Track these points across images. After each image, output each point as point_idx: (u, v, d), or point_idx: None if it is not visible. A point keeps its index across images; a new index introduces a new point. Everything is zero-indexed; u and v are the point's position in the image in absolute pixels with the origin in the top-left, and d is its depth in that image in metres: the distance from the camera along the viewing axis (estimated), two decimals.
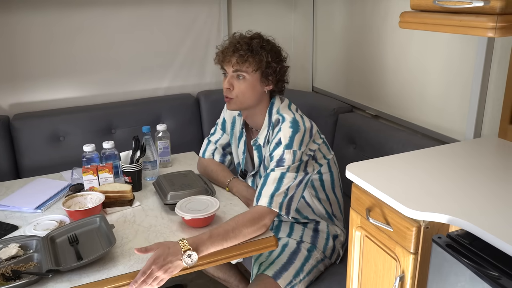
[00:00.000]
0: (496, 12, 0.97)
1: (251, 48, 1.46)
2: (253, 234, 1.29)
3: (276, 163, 1.40)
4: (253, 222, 1.29)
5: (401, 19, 1.22)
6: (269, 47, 1.49)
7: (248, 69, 1.46)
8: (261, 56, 1.46)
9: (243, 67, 1.46)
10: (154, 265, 1.14)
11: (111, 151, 1.64)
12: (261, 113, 1.55)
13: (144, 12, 2.34)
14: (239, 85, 1.48)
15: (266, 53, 1.46)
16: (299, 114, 1.49)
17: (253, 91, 1.49)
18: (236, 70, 1.47)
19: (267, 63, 1.46)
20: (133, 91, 2.43)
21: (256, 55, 1.45)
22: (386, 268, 1.19)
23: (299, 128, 1.43)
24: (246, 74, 1.47)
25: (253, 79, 1.48)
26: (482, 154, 1.39)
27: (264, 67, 1.47)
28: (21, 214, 1.48)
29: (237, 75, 1.48)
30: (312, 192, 1.57)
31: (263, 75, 1.48)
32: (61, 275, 1.14)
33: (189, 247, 1.18)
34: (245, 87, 1.48)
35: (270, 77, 1.49)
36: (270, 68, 1.48)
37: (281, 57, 1.53)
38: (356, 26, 2.20)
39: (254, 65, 1.46)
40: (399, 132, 1.89)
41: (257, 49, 1.46)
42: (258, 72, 1.47)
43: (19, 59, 2.18)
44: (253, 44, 1.46)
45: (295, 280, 1.45)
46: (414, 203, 1.07)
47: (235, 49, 1.46)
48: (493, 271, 0.88)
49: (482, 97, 1.57)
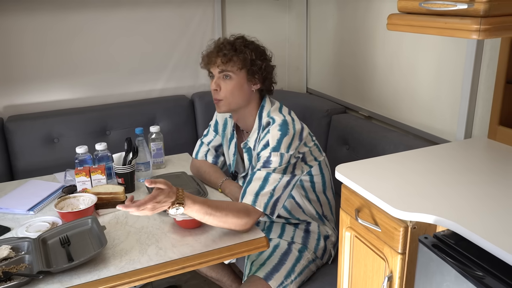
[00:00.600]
0: (479, 15, 0.98)
1: (235, 48, 1.47)
2: (232, 226, 1.30)
3: (263, 164, 1.41)
4: (238, 215, 1.30)
5: (389, 21, 1.23)
6: (253, 46, 1.50)
7: (233, 68, 1.47)
8: (245, 54, 1.47)
9: (228, 67, 1.47)
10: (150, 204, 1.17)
11: (104, 152, 1.65)
12: (251, 115, 1.56)
13: (139, 14, 2.35)
14: (226, 85, 1.49)
15: (249, 51, 1.48)
16: (290, 116, 1.49)
17: (241, 90, 1.49)
18: (222, 70, 1.48)
19: (251, 60, 1.47)
20: (127, 93, 2.44)
21: (240, 54, 1.46)
22: (375, 268, 1.20)
23: (288, 131, 1.43)
24: (231, 73, 1.48)
25: (239, 78, 1.48)
26: (471, 155, 1.40)
27: (249, 65, 1.48)
28: (13, 215, 1.49)
29: (224, 75, 1.49)
30: (302, 192, 1.57)
31: (249, 73, 1.49)
32: (52, 277, 1.15)
33: (182, 201, 1.21)
34: (232, 87, 1.48)
35: (257, 75, 1.50)
36: (256, 66, 1.48)
37: (266, 56, 1.54)
38: (349, 28, 2.21)
39: (239, 63, 1.47)
40: (391, 133, 1.90)
41: (240, 47, 1.47)
42: (244, 70, 1.48)
43: (13, 61, 2.18)
44: (236, 44, 1.48)
45: (287, 281, 1.45)
46: (401, 203, 1.07)
47: (219, 50, 1.48)
48: (478, 271, 0.89)
49: (472, 98, 1.59)
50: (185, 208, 1.22)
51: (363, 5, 2.08)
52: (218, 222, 1.29)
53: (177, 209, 1.21)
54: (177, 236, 1.34)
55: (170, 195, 1.20)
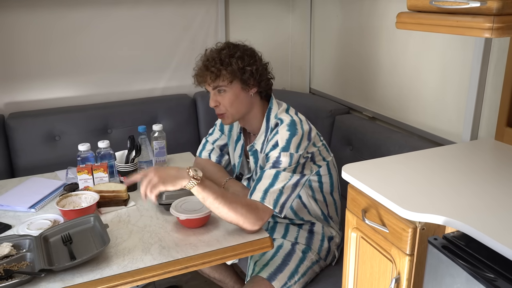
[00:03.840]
0: (492, 13, 0.96)
1: (221, 61, 1.44)
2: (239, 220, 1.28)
3: (272, 164, 1.39)
4: (248, 207, 1.29)
5: (398, 20, 1.22)
6: (239, 54, 1.46)
7: (224, 82, 1.45)
8: (232, 66, 1.44)
9: (219, 82, 1.45)
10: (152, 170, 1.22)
11: (106, 150, 1.63)
12: (256, 118, 1.54)
13: (142, 12, 2.34)
14: (224, 99, 1.48)
15: (236, 60, 1.44)
16: (298, 117, 1.48)
17: (239, 100, 1.48)
18: (215, 87, 1.47)
19: (240, 69, 1.45)
20: (129, 91, 2.42)
21: (227, 67, 1.44)
22: (382, 270, 1.18)
23: (296, 131, 1.42)
24: (224, 87, 1.46)
25: (233, 89, 1.46)
26: (478, 156, 1.39)
27: (240, 75, 1.45)
28: (14, 213, 1.47)
29: (218, 90, 1.48)
30: (309, 192, 1.56)
31: (242, 82, 1.46)
32: (54, 275, 1.13)
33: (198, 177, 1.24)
34: (230, 99, 1.47)
35: (250, 81, 1.47)
36: (246, 73, 1.45)
37: (255, 58, 1.50)
38: (353, 28, 2.20)
39: (228, 77, 1.44)
40: (395, 134, 1.89)
41: (226, 60, 1.44)
42: (236, 81, 1.46)
43: (15, 58, 2.17)
44: (222, 56, 1.45)
45: (290, 281, 1.44)
46: (410, 204, 1.06)
47: (206, 67, 1.46)
48: (489, 273, 0.88)
49: (479, 99, 1.57)
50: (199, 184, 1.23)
51: (368, 4, 2.06)
52: (228, 212, 1.26)
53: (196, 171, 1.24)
54: (180, 235, 1.32)
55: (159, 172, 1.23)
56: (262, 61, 1.53)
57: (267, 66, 1.54)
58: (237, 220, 1.28)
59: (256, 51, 1.53)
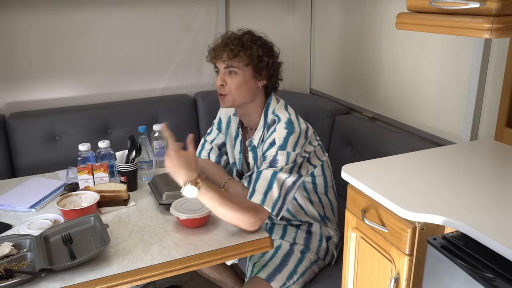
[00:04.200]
0: (492, 14, 0.97)
1: (242, 43, 1.44)
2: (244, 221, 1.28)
3: (269, 163, 1.39)
4: (251, 211, 1.29)
5: (398, 20, 1.22)
6: (260, 42, 1.48)
7: (240, 63, 1.45)
8: (252, 50, 1.44)
9: (234, 62, 1.45)
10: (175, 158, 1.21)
11: (107, 150, 1.64)
12: (255, 111, 1.54)
13: (142, 13, 2.34)
14: (232, 81, 1.46)
15: (257, 47, 1.45)
16: (295, 115, 1.48)
17: (246, 86, 1.47)
18: (228, 65, 1.46)
19: (258, 57, 1.45)
20: (130, 91, 2.43)
21: (247, 50, 1.44)
22: (381, 270, 1.19)
23: (294, 129, 1.42)
24: (237, 69, 1.45)
25: (245, 74, 1.46)
26: (478, 157, 1.39)
27: (256, 62, 1.45)
28: (15, 213, 1.47)
29: (229, 71, 1.46)
30: (305, 194, 1.56)
31: (255, 69, 1.46)
32: (54, 274, 1.13)
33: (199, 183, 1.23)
34: (238, 82, 1.46)
35: (263, 72, 1.47)
36: (262, 62, 1.46)
37: (273, 52, 1.52)
38: (353, 28, 2.20)
39: (245, 59, 1.44)
40: (396, 134, 1.89)
41: (247, 43, 1.45)
42: (250, 66, 1.46)
43: (16, 58, 2.17)
44: (244, 39, 1.45)
45: (289, 282, 1.44)
46: (409, 204, 1.06)
47: (226, 45, 1.44)
48: (488, 273, 0.88)
49: (478, 100, 1.58)
50: (200, 191, 1.22)
51: (368, 5, 2.07)
52: (229, 215, 1.27)
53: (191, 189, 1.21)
54: (180, 235, 1.32)
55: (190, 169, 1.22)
56: (278, 59, 1.54)
57: (281, 66, 1.55)
58: (237, 223, 1.29)
59: (274, 47, 1.54)
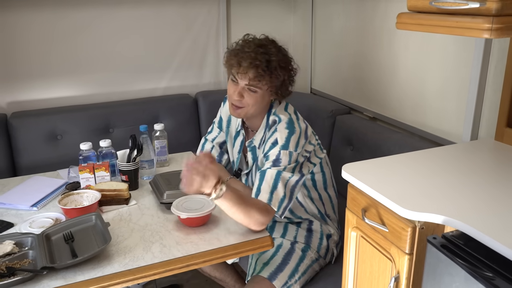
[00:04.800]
0: (492, 14, 0.97)
1: (269, 65, 1.40)
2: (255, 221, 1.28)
3: (272, 163, 1.40)
4: (262, 211, 1.30)
5: (398, 20, 1.23)
6: (285, 64, 1.44)
7: (264, 86, 1.43)
8: (279, 76, 1.42)
9: (257, 83, 1.42)
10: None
11: (108, 149, 1.64)
12: (260, 115, 1.55)
13: (144, 12, 2.35)
14: (250, 97, 1.44)
15: (283, 72, 1.43)
16: (294, 115, 1.49)
17: (262, 102, 1.47)
18: (250, 85, 1.42)
19: (282, 81, 1.44)
20: (131, 91, 2.43)
21: (273, 74, 1.41)
22: (381, 269, 1.19)
23: (294, 129, 1.43)
24: (259, 89, 1.43)
25: (263, 92, 1.44)
26: (478, 157, 1.39)
27: (279, 86, 1.44)
28: (17, 211, 1.48)
29: (249, 89, 1.44)
30: (305, 191, 1.57)
31: (275, 90, 1.46)
32: (56, 273, 1.14)
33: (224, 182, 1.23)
34: (256, 99, 1.44)
35: (280, 90, 1.47)
36: (284, 86, 1.46)
37: (292, 67, 1.48)
38: (354, 29, 2.21)
39: (269, 84, 1.42)
40: (396, 134, 1.89)
41: (275, 66, 1.40)
42: (272, 87, 1.45)
43: (17, 58, 2.18)
44: (272, 62, 1.40)
45: (291, 280, 1.45)
46: (409, 203, 1.07)
47: (254, 65, 1.38)
48: (488, 272, 0.88)
49: (479, 100, 1.58)
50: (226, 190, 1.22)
51: (369, 5, 2.07)
52: (243, 216, 1.27)
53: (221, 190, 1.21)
54: (181, 234, 1.33)
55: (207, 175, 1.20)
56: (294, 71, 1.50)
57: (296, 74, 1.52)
58: (248, 223, 1.29)
59: (293, 62, 1.49)
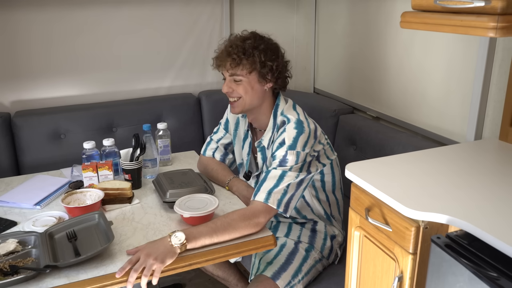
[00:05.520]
0: (497, 12, 0.96)
1: (244, 50, 1.45)
2: (245, 230, 1.28)
3: (279, 163, 1.40)
4: (245, 218, 1.29)
5: (402, 19, 1.22)
6: (263, 46, 1.47)
7: (243, 71, 1.46)
8: (254, 57, 1.45)
9: (237, 71, 1.47)
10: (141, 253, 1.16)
11: (111, 148, 1.64)
12: (265, 113, 1.55)
13: (147, 11, 2.35)
14: (238, 88, 1.49)
15: (259, 53, 1.45)
16: (303, 115, 1.49)
17: (253, 91, 1.49)
18: (232, 74, 1.48)
19: (261, 63, 1.46)
20: (135, 90, 2.43)
21: (249, 57, 1.45)
22: (384, 269, 1.19)
23: (303, 129, 1.42)
24: (241, 76, 1.47)
25: (250, 80, 1.48)
26: (482, 156, 1.38)
27: (259, 68, 1.46)
28: (20, 210, 1.48)
29: (234, 79, 1.49)
30: (313, 192, 1.56)
31: (260, 75, 1.47)
32: (59, 271, 1.14)
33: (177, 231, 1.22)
34: (244, 89, 1.48)
35: (268, 76, 1.48)
36: (266, 67, 1.47)
37: (278, 54, 1.51)
38: (358, 28, 2.20)
39: (248, 67, 1.46)
40: (399, 134, 1.89)
41: (249, 50, 1.45)
42: (254, 72, 1.47)
43: (21, 57, 2.18)
44: (246, 46, 1.46)
45: (294, 280, 1.44)
46: (413, 203, 1.06)
47: (228, 53, 1.46)
48: (492, 272, 0.88)
49: (483, 99, 1.57)
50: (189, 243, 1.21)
51: (373, 4, 2.06)
52: (229, 235, 1.26)
53: (176, 236, 1.20)
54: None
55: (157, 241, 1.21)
56: (284, 59, 1.53)
57: (287, 64, 1.54)
58: (241, 233, 1.29)
59: (280, 47, 1.53)
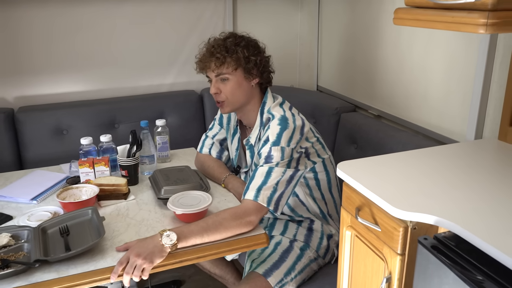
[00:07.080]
0: (487, 8, 0.94)
1: (226, 48, 1.46)
2: (236, 229, 1.28)
3: (265, 160, 1.39)
4: (236, 217, 1.28)
5: (395, 16, 1.20)
6: (244, 43, 1.49)
7: (228, 69, 1.47)
8: (238, 53, 1.46)
9: (223, 69, 1.47)
10: (130, 253, 1.16)
11: (109, 144, 1.65)
12: (253, 110, 1.55)
13: (150, 8, 2.36)
14: (225, 87, 1.49)
15: (241, 49, 1.47)
16: (291, 111, 1.48)
17: (240, 89, 1.49)
18: (218, 74, 1.48)
19: (245, 58, 1.47)
20: (137, 87, 2.44)
21: (232, 54, 1.46)
22: (374, 269, 1.17)
23: (287, 125, 1.42)
24: (228, 75, 1.48)
25: (237, 77, 1.48)
26: (479, 156, 1.36)
27: (244, 63, 1.47)
28: (16, 204, 1.50)
29: (221, 79, 1.49)
30: (306, 190, 1.55)
31: (245, 71, 1.48)
32: (49, 266, 1.15)
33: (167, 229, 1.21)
34: (231, 87, 1.48)
35: (253, 71, 1.49)
36: (250, 62, 1.48)
37: (259, 49, 1.53)
38: (361, 26, 2.18)
39: (233, 64, 1.46)
40: (400, 132, 1.86)
41: (232, 47, 1.46)
42: (239, 69, 1.47)
43: (23, 53, 2.20)
44: (227, 44, 1.47)
45: (286, 278, 1.44)
46: (402, 203, 1.04)
47: (211, 53, 1.47)
48: (478, 275, 0.86)
49: (483, 98, 1.54)
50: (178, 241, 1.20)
51: (375, 2, 2.04)
52: (220, 234, 1.26)
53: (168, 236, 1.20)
54: None
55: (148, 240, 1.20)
56: (265, 54, 1.55)
57: (269, 59, 1.56)
58: (232, 233, 1.28)
59: (259, 43, 1.55)
